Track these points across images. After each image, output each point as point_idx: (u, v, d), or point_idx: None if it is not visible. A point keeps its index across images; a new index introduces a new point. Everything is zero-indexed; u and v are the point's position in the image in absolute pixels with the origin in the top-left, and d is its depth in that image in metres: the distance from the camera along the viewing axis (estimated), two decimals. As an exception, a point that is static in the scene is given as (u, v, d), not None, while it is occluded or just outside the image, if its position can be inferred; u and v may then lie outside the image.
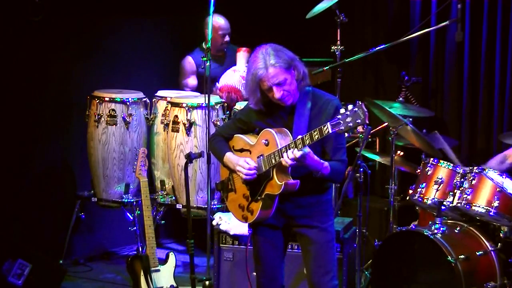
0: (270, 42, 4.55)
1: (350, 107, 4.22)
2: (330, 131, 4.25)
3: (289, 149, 4.36)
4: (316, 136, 4.30)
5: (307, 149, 4.35)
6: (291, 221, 4.66)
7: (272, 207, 4.53)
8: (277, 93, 4.44)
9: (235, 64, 6.92)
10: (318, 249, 4.61)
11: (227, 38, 7.04)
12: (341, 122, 4.22)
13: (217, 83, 6.85)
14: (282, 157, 4.38)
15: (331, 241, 4.65)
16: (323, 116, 4.46)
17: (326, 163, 4.45)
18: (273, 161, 4.45)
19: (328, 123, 4.26)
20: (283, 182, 4.43)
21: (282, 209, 4.60)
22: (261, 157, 4.53)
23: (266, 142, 4.51)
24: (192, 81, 7.09)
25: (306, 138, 4.33)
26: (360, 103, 4.22)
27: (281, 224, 4.68)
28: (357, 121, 4.20)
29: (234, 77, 6.77)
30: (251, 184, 4.58)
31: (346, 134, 4.40)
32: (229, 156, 4.67)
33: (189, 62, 7.07)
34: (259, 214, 4.54)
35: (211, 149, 4.86)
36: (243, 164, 4.56)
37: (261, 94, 4.51)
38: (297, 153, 4.32)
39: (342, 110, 4.23)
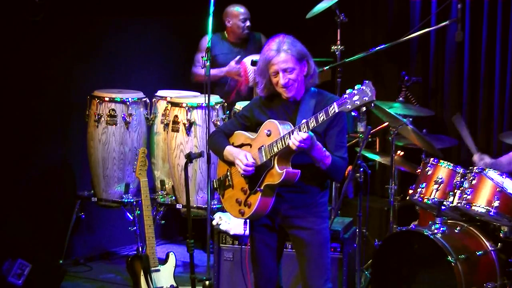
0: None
1: (357, 86, 4.18)
2: (337, 110, 4.22)
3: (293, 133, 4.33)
4: (322, 117, 4.27)
5: (311, 133, 4.32)
6: (286, 222, 4.64)
7: (271, 200, 4.49)
8: (282, 79, 4.44)
9: (255, 52, 6.94)
10: (312, 252, 4.59)
11: (248, 23, 7.20)
12: (348, 101, 4.19)
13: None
14: (287, 143, 4.32)
15: (325, 244, 4.63)
16: None
17: (328, 153, 4.43)
18: (275, 149, 4.41)
19: (335, 103, 4.23)
20: (284, 170, 4.39)
21: (277, 210, 4.59)
22: (262, 147, 4.49)
23: (269, 132, 4.47)
24: None
25: (311, 121, 4.29)
26: (368, 82, 4.18)
27: (276, 225, 4.66)
28: (364, 98, 4.16)
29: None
30: (251, 177, 4.54)
31: (353, 113, 4.31)
32: (230, 149, 4.65)
33: (206, 39, 7.06)
34: (257, 207, 4.48)
35: (211, 144, 4.83)
36: (242, 158, 4.53)
37: (268, 80, 4.50)
38: (303, 135, 4.28)
39: (349, 90, 4.21)
